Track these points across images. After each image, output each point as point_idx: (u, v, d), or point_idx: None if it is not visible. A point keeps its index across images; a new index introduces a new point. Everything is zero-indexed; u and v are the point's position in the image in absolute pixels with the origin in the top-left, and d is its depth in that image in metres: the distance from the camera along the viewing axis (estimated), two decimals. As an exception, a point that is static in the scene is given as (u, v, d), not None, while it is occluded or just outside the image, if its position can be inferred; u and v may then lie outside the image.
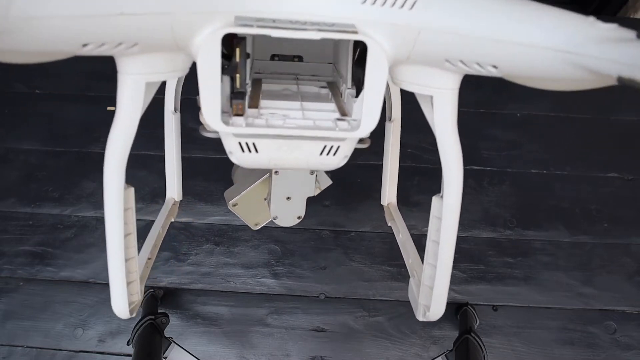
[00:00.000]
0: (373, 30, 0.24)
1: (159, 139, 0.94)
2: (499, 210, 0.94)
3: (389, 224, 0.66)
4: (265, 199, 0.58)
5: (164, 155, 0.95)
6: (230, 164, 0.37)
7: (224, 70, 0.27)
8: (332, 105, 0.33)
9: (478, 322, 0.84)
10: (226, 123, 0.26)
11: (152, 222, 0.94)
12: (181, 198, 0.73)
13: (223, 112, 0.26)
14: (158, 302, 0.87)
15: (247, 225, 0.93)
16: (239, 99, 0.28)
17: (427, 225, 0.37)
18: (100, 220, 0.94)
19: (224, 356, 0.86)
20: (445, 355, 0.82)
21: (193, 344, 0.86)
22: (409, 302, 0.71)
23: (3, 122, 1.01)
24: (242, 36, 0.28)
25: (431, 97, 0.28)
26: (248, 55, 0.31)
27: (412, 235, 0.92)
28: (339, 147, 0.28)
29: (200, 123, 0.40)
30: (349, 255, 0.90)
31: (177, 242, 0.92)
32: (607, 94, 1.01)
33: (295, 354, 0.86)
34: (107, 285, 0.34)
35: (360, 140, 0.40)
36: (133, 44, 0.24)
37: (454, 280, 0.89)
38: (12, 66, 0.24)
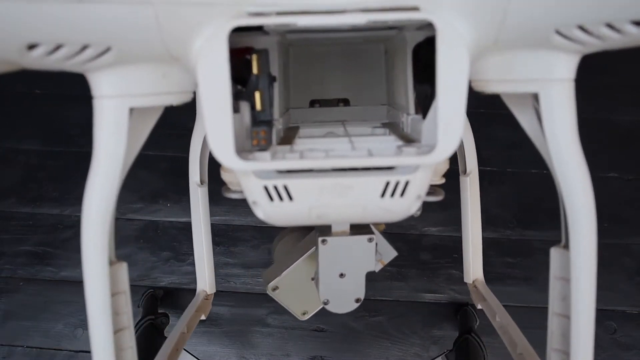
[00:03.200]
0: (441, 7, 0.17)
1: (160, 138, 0.94)
2: (499, 210, 0.94)
3: (479, 307, 0.52)
4: (312, 279, 0.46)
5: (163, 155, 0.95)
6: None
7: (240, 95, 0.21)
8: (392, 137, 0.25)
9: (478, 322, 0.84)
10: (245, 159, 0.19)
11: (152, 222, 0.94)
12: (214, 290, 0.60)
13: (243, 151, 0.20)
14: (158, 302, 0.87)
15: (248, 226, 0.93)
16: (261, 127, 0.21)
17: (427, 225, 0.35)
18: (100, 220, 0.94)
19: (224, 356, 0.86)
20: (445, 355, 0.82)
21: (193, 344, 0.86)
22: (409, 302, 0.71)
23: (3, 122, 1.01)
24: (260, 49, 0.22)
25: (536, 96, 0.20)
26: (274, 78, 0.24)
27: (412, 235, 0.92)
28: (407, 182, 0.20)
29: (223, 183, 0.31)
30: (349, 255, 0.90)
31: (177, 242, 0.92)
32: (607, 94, 1.01)
33: (295, 354, 0.86)
34: None
35: (430, 192, 0.30)
36: (104, 47, 0.17)
37: (454, 281, 0.89)
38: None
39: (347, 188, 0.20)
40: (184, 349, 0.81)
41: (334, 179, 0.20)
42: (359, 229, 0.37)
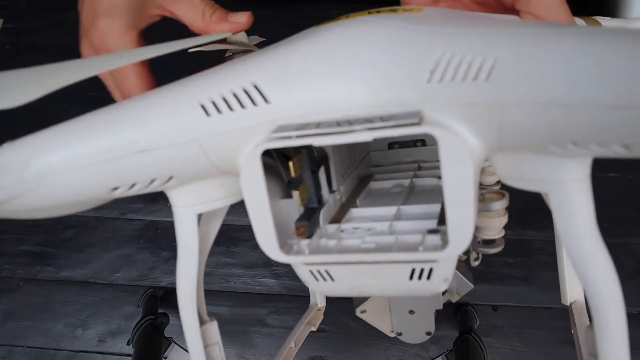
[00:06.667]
0: (446, 116, 0.18)
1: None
2: (499, 210, 0.94)
3: (572, 331, 0.47)
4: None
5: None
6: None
7: (291, 184, 0.24)
8: (437, 207, 0.26)
9: (478, 322, 0.84)
10: (288, 252, 0.23)
11: (152, 222, 0.94)
12: (324, 303, 0.61)
13: (294, 237, 0.23)
14: (158, 302, 0.87)
15: (248, 226, 0.93)
16: (302, 220, 0.24)
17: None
18: (101, 220, 0.94)
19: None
20: (445, 355, 0.82)
21: (193, 344, 0.86)
22: (409, 302, 0.71)
23: (3, 122, 1.01)
24: (299, 150, 0.24)
25: (546, 195, 0.21)
26: (322, 161, 0.26)
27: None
28: (431, 269, 0.22)
29: None
30: (349, 255, 0.90)
31: (177, 242, 0.92)
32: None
33: (295, 354, 0.86)
34: (107, 285, 0.33)
35: (489, 242, 0.32)
36: (167, 178, 0.22)
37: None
38: (12, 66, 0.23)
39: (379, 273, 0.23)
40: (184, 349, 0.81)
41: (366, 266, 0.23)
42: None
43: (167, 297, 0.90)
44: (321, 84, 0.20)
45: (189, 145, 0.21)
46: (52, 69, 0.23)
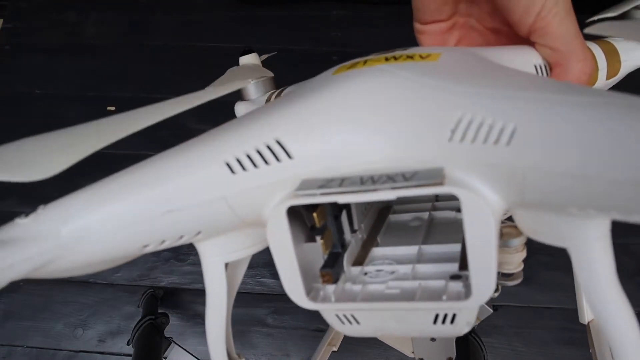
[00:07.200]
0: (467, 174, 0.19)
1: (159, 138, 0.94)
2: (499, 210, 0.94)
3: (590, 350, 0.49)
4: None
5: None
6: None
7: (315, 231, 0.25)
8: (457, 247, 0.27)
9: (478, 322, 0.84)
10: (315, 298, 0.24)
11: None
12: None
13: (315, 282, 0.25)
14: (158, 302, 0.87)
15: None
16: (327, 267, 0.25)
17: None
18: (100, 220, 0.94)
19: (224, 356, 0.86)
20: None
21: (193, 344, 0.86)
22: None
23: (3, 122, 1.01)
24: (324, 205, 0.25)
25: (566, 249, 0.22)
26: (344, 206, 0.27)
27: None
28: (455, 314, 0.22)
29: None
30: (349, 255, 0.91)
31: (177, 242, 0.93)
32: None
33: (295, 354, 0.86)
34: (107, 285, 0.33)
35: (508, 275, 0.33)
36: (195, 233, 0.23)
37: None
38: (12, 66, 0.23)
39: (402, 317, 0.24)
40: (184, 349, 0.81)
41: (390, 311, 0.24)
42: None
43: (167, 297, 0.90)
44: (342, 138, 0.21)
45: (216, 203, 0.22)
46: (84, 131, 0.24)
